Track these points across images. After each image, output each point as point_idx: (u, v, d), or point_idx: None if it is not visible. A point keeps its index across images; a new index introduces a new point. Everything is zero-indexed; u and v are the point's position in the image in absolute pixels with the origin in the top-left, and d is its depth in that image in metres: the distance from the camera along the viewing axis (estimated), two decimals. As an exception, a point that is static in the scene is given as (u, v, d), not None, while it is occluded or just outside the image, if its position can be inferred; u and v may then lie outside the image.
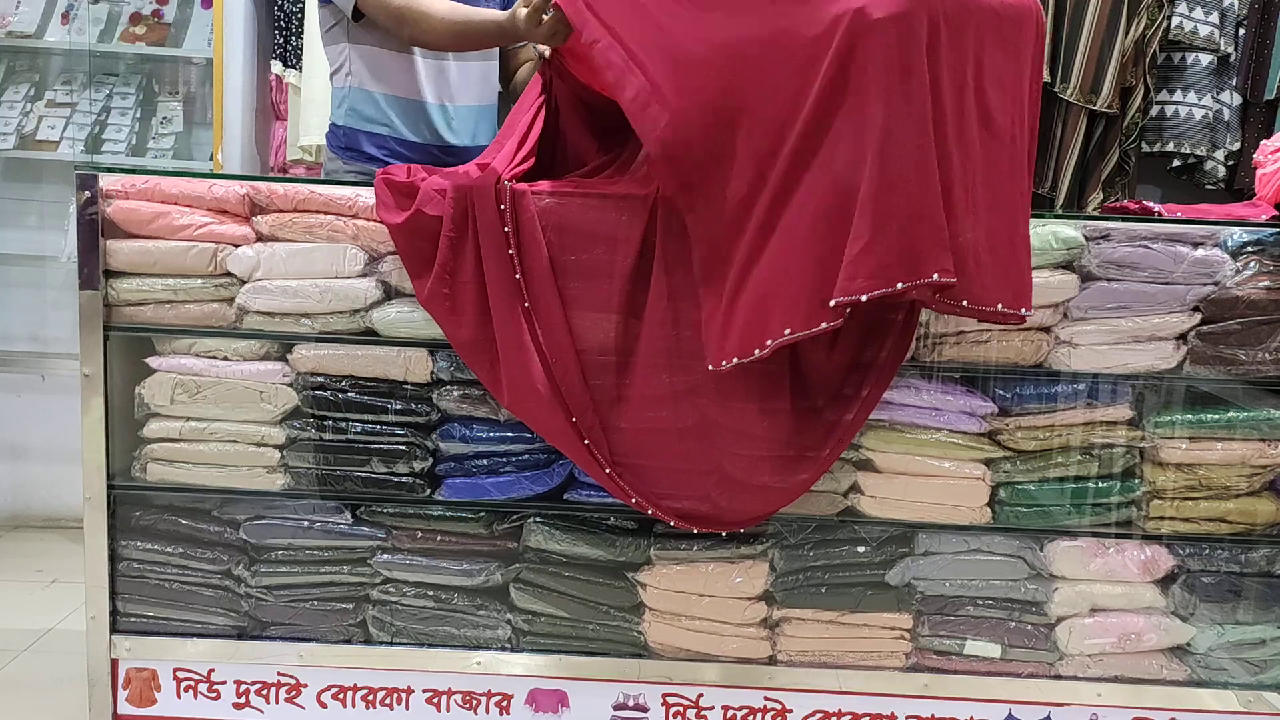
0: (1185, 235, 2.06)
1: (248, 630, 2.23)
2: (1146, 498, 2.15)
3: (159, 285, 2.11)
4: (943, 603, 2.19)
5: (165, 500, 2.22)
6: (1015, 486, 2.14)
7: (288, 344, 2.15)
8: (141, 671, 2.22)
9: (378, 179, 2.08)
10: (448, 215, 2.01)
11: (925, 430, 2.13)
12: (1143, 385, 2.14)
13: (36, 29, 3.56)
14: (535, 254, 2.01)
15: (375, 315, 2.11)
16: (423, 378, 2.14)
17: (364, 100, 2.50)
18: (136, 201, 2.09)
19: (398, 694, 2.22)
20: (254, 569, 2.22)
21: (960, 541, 2.18)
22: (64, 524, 3.66)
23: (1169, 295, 2.07)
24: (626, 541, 2.18)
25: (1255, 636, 2.19)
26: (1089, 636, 2.17)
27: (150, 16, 3.59)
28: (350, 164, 2.53)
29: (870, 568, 2.19)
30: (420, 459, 2.15)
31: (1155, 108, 3.29)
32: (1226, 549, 2.17)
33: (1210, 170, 3.30)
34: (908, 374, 2.11)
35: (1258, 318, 2.07)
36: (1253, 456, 2.11)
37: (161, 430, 2.17)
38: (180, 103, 3.65)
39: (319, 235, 2.09)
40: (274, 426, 2.16)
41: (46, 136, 3.57)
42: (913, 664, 2.20)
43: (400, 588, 2.21)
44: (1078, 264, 2.07)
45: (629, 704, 2.21)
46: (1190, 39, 3.23)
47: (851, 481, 2.16)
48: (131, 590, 2.21)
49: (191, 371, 2.14)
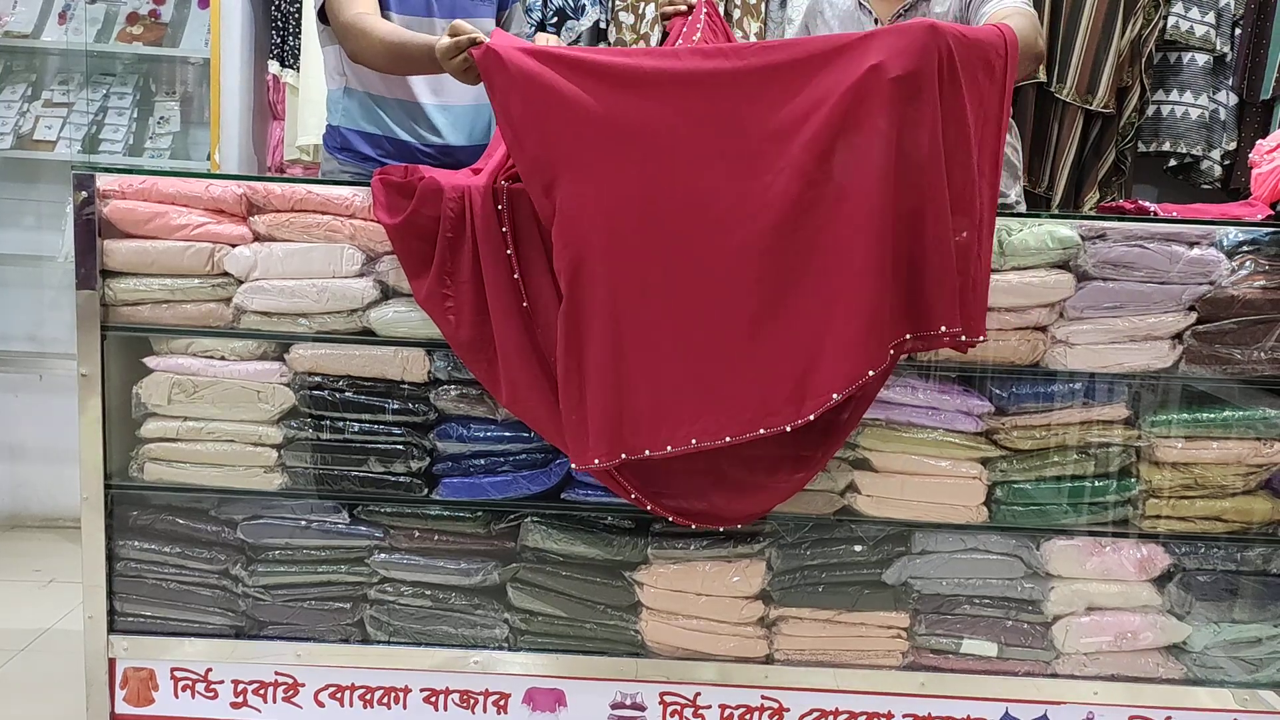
0: (1181, 235, 2.07)
1: (245, 630, 2.23)
2: (1142, 497, 2.15)
3: (156, 285, 2.11)
4: (939, 601, 2.19)
5: (163, 500, 2.22)
6: (1012, 485, 2.15)
7: (285, 344, 2.15)
8: (139, 671, 2.22)
9: (375, 179, 2.08)
10: (445, 215, 2.02)
11: (922, 429, 2.13)
12: (1139, 384, 2.15)
13: (33, 29, 3.56)
14: (533, 254, 2.01)
15: (372, 315, 2.12)
16: (420, 377, 2.14)
17: (358, 101, 2.50)
18: (134, 201, 2.09)
19: (395, 693, 2.22)
20: (251, 568, 2.22)
21: (957, 540, 2.19)
22: (61, 524, 3.66)
23: (1165, 295, 2.07)
24: (624, 541, 2.19)
25: (1251, 635, 2.19)
26: (1085, 635, 2.17)
27: (147, 16, 3.59)
28: (346, 165, 2.53)
29: (867, 567, 2.20)
30: (417, 458, 2.15)
31: (1151, 107, 3.30)
32: (1222, 548, 2.17)
33: (1206, 170, 3.31)
34: (905, 374, 2.11)
35: (1253, 317, 2.08)
36: (1248, 455, 2.12)
37: (159, 430, 2.17)
38: (177, 103, 3.64)
39: (316, 235, 2.09)
40: (271, 426, 2.16)
41: (43, 136, 3.57)
42: (910, 663, 2.20)
43: (398, 587, 2.21)
44: (1074, 264, 2.07)
45: (626, 703, 2.21)
46: (1186, 39, 3.23)
47: (848, 481, 2.17)
48: (129, 590, 2.21)
49: (189, 371, 2.14)
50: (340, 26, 2.30)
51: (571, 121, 1.90)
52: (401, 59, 2.19)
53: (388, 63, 2.25)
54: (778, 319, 1.87)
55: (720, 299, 1.89)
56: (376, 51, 2.22)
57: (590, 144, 1.90)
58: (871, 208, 1.79)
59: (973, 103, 1.83)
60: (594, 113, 1.89)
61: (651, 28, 3.25)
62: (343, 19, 2.28)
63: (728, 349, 1.89)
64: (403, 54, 2.17)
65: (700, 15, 2.38)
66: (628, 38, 3.35)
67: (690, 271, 1.89)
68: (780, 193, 1.85)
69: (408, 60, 2.18)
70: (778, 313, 1.87)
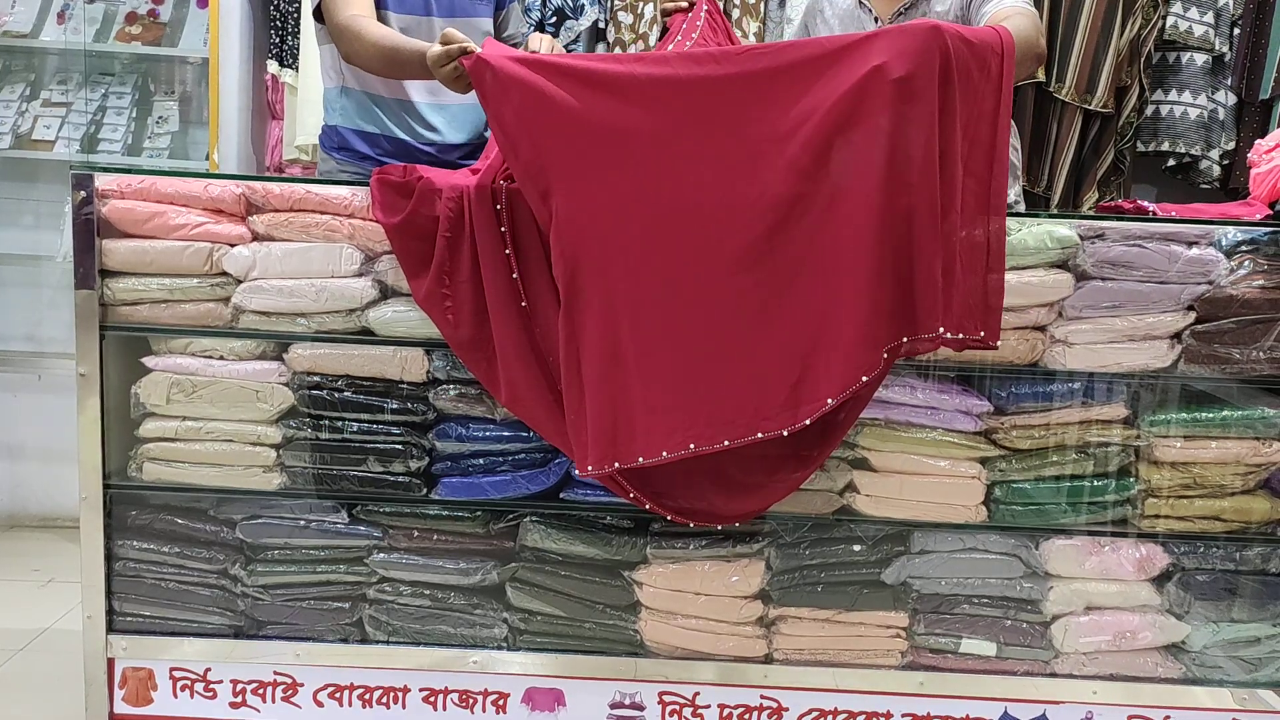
0: (1180, 234, 2.07)
1: (244, 629, 2.23)
2: (1141, 496, 2.15)
3: (155, 285, 2.11)
4: (938, 601, 2.19)
5: (161, 500, 2.22)
6: (1011, 485, 2.15)
7: (284, 343, 2.15)
8: (138, 671, 2.22)
9: (373, 179, 2.08)
10: (444, 215, 2.01)
11: (921, 429, 2.13)
12: (1138, 384, 2.15)
13: (32, 28, 3.56)
14: (532, 253, 2.01)
15: (371, 315, 2.11)
16: (419, 377, 2.14)
17: (354, 100, 2.50)
18: (132, 201, 2.09)
19: (394, 693, 2.22)
20: (250, 568, 2.22)
21: (956, 540, 2.19)
22: (60, 523, 3.66)
23: (1164, 294, 2.07)
24: (623, 540, 2.19)
25: (1250, 634, 2.19)
26: (1084, 634, 2.17)
27: (146, 16, 3.59)
28: (344, 164, 2.53)
29: (866, 566, 2.20)
30: (416, 458, 2.15)
31: (1150, 107, 3.30)
32: (1221, 547, 2.17)
33: (1205, 169, 3.31)
34: (904, 373, 2.11)
35: (1252, 316, 2.08)
36: (1247, 455, 2.12)
37: (157, 430, 2.17)
38: (176, 102, 3.64)
39: (315, 235, 2.09)
40: (270, 426, 2.16)
41: (42, 136, 3.57)
42: (908, 662, 2.20)
43: (397, 587, 2.21)
44: (1073, 263, 2.08)
45: (625, 703, 2.21)
46: (1185, 39, 3.23)
47: (847, 480, 2.17)
48: (128, 590, 2.21)
49: (187, 371, 2.14)
50: (335, 28, 2.30)
51: (564, 129, 1.90)
52: (394, 64, 2.20)
53: (381, 66, 2.26)
54: (773, 323, 1.87)
55: (716, 303, 1.89)
56: (370, 55, 2.23)
57: (583, 152, 1.91)
58: (870, 209, 1.79)
59: (967, 105, 1.83)
60: (586, 120, 1.90)
61: (650, 27, 3.25)
62: (338, 20, 2.28)
63: (724, 354, 1.89)
64: (395, 59, 2.17)
65: (700, 13, 2.38)
66: (626, 38, 3.35)
67: (686, 277, 1.89)
68: (776, 196, 1.85)
69: (400, 65, 2.19)
70: (773, 317, 1.87)
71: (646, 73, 1.91)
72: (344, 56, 2.34)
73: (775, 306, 1.87)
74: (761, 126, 1.87)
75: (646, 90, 1.90)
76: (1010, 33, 1.91)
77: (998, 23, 2.11)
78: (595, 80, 1.91)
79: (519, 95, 1.90)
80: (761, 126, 1.87)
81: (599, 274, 1.91)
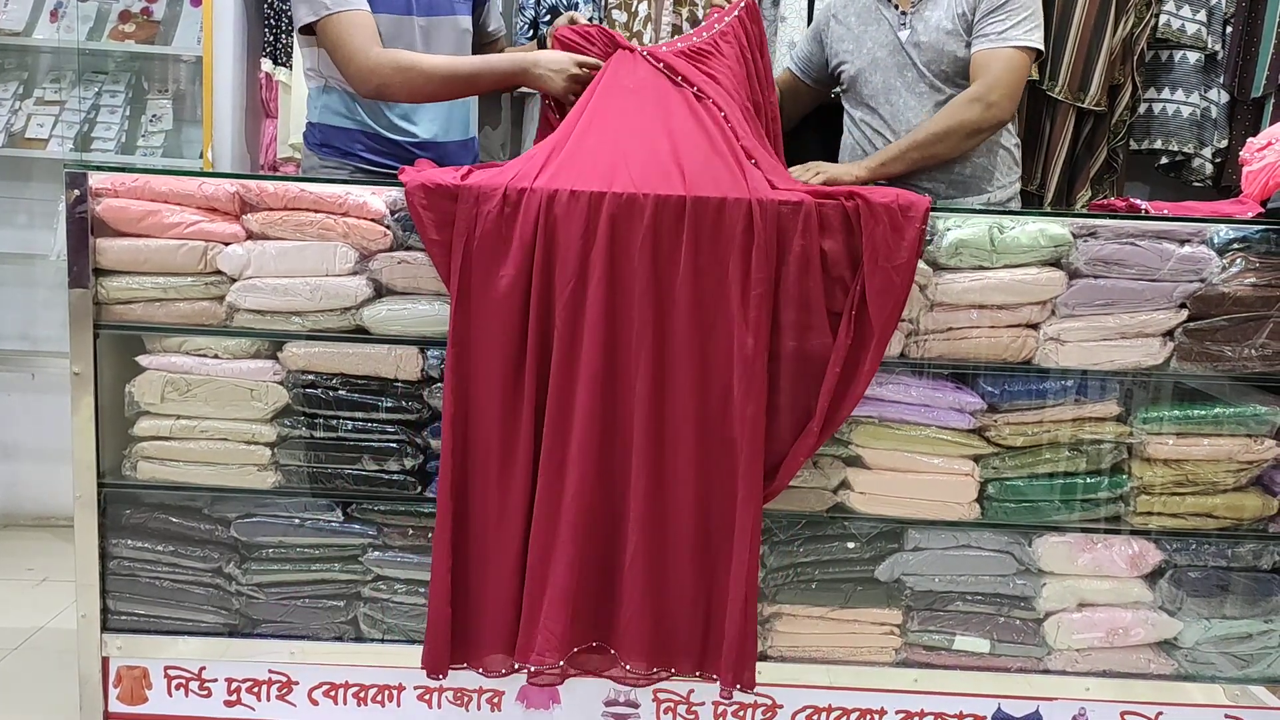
0: (1172, 232, 2.07)
1: (239, 628, 2.23)
2: (1134, 493, 2.16)
3: (149, 283, 2.11)
4: (932, 598, 2.20)
5: (156, 498, 2.22)
6: (1004, 482, 2.15)
7: (278, 342, 2.15)
8: (133, 670, 2.22)
9: (412, 201, 2.03)
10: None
11: (914, 426, 2.14)
12: (1130, 381, 2.15)
13: (25, 26, 3.54)
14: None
15: (366, 313, 2.11)
16: (413, 375, 2.14)
17: (334, 98, 2.51)
18: (126, 200, 2.09)
19: (389, 691, 2.22)
20: (245, 567, 2.22)
21: (949, 537, 2.19)
22: (54, 522, 3.65)
23: (1156, 292, 2.08)
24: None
25: (1242, 630, 2.20)
26: (1077, 631, 2.18)
27: (139, 14, 3.57)
28: (326, 160, 2.54)
29: (860, 564, 2.20)
30: (411, 456, 2.15)
31: (1143, 105, 3.31)
32: (1213, 544, 2.18)
33: (1198, 167, 3.31)
34: (897, 371, 2.12)
35: (1244, 314, 2.09)
36: (1239, 452, 2.13)
37: (152, 428, 2.17)
38: (170, 100, 3.63)
39: (309, 233, 2.09)
40: (265, 424, 2.16)
41: (35, 134, 3.55)
42: (902, 659, 2.21)
43: (392, 585, 2.21)
44: (1065, 261, 2.08)
45: (620, 700, 2.22)
46: (1178, 37, 3.24)
47: (841, 478, 2.17)
48: (122, 589, 2.21)
49: (182, 369, 2.14)
50: (364, 70, 2.31)
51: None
52: (470, 84, 2.42)
53: (445, 90, 2.39)
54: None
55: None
56: (430, 88, 2.35)
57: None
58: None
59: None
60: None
61: (644, 25, 3.25)
62: (366, 64, 2.31)
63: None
64: (474, 81, 2.40)
65: (726, 17, 2.42)
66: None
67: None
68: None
69: (471, 83, 2.41)
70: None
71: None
72: (373, 94, 2.37)
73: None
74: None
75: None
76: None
77: (983, 58, 2.40)
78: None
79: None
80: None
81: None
